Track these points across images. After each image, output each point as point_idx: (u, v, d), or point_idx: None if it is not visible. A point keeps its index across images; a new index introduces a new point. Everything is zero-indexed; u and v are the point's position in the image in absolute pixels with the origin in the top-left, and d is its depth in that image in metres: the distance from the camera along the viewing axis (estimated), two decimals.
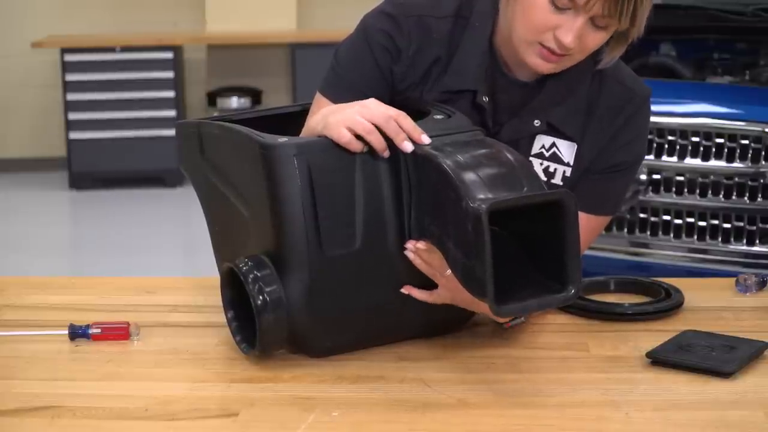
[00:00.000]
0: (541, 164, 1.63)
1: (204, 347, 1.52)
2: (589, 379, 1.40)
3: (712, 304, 1.68)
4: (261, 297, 1.39)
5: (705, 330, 1.54)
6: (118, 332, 1.54)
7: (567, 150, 1.63)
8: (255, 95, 7.02)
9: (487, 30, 1.61)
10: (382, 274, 1.44)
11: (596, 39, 1.53)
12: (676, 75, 3.38)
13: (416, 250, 1.43)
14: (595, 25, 1.51)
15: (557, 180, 1.64)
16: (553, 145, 1.63)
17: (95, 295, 1.74)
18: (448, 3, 1.63)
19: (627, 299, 1.69)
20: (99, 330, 1.53)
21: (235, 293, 1.46)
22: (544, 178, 1.62)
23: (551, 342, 1.53)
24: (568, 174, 1.64)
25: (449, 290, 1.45)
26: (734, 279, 1.75)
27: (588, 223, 1.63)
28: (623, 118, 1.63)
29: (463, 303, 1.46)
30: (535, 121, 1.61)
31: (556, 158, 1.64)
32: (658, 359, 1.44)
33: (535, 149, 1.63)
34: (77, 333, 1.53)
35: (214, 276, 1.85)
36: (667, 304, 1.63)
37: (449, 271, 1.39)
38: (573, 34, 1.49)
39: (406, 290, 1.46)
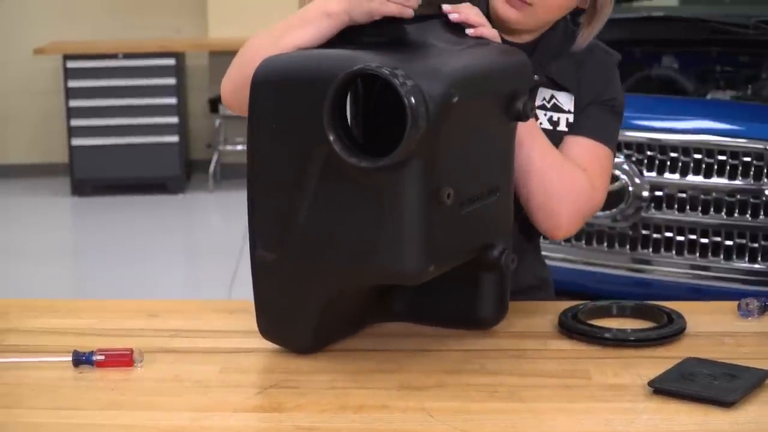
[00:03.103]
0: (545, 114, 1.80)
1: (206, 374, 1.52)
2: (591, 408, 1.40)
3: (714, 329, 1.68)
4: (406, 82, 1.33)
5: (707, 356, 1.54)
6: (122, 359, 1.54)
7: (565, 99, 1.81)
8: None
9: (483, 5, 1.72)
10: None
11: None
12: (678, 87, 3.39)
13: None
14: None
15: (562, 127, 1.80)
16: (552, 96, 1.81)
17: (98, 318, 1.75)
18: None
19: (629, 324, 1.69)
20: (103, 357, 1.54)
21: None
22: (550, 127, 1.79)
23: (553, 369, 1.53)
24: (570, 120, 1.80)
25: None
26: (736, 303, 1.75)
27: (593, 150, 1.78)
28: (606, 79, 1.83)
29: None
30: (534, 75, 1.71)
31: (557, 108, 1.81)
32: (660, 389, 1.44)
33: (538, 102, 1.79)
34: (81, 360, 1.53)
35: (216, 299, 1.86)
36: (669, 330, 1.63)
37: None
38: None
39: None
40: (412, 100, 1.32)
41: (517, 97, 1.52)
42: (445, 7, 1.59)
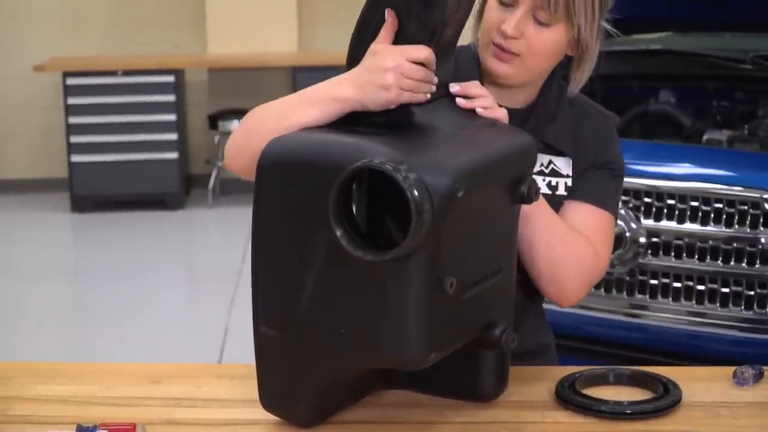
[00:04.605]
0: (544, 180, 1.81)
1: None
2: None
3: (709, 398, 1.70)
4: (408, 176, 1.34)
5: (702, 430, 1.56)
6: None
7: (563, 164, 1.83)
8: None
9: (474, 73, 1.76)
10: None
11: (541, 37, 1.72)
12: (675, 123, 3.40)
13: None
14: (537, 21, 1.71)
15: (561, 191, 1.82)
16: (550, 162, 1.82)
17: (101, 385, 1.76)
18: None
19: (625, 393, 1.70)
20: (106, 431, 1.55)
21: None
22: (549, 192, 1.81)
23: None
24: (569, 184, 1.83)
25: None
26: (732, 370, 1.77)
27: (595, 216, 1.81)
28: (604, 141, 1.85)
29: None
30: None
31: (555, 173, 1.83)
32: None
33: (536, 168, 1.74)
34: None
35: (216, 363, 1.88)
36: (665, 402, 1.65)
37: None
38: (513, 23, 1.70)
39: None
40: (416, 195, 1.33)
41: (522, 181, 1.53)
42: (453, 89, 1.60)
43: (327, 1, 7.19)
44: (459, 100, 1.59)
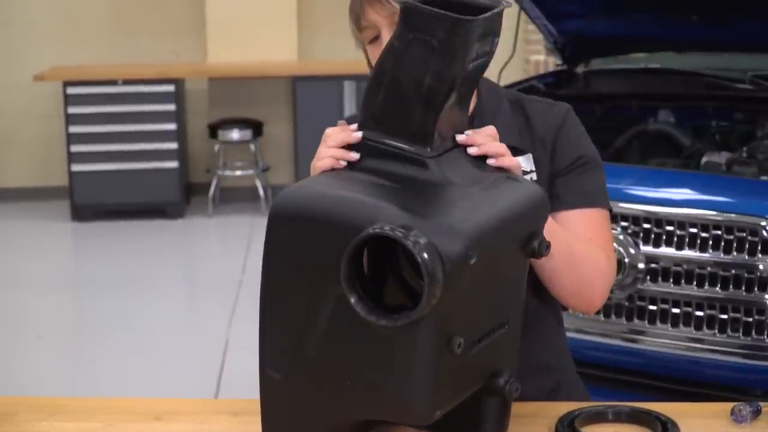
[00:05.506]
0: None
1: None
2: None
3: None
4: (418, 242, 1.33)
5: None
6: None
7: (524, 162, 1.82)
8: (256, 126, 7.06)
9: None
10: None
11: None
12: (674, 142, 3.42)
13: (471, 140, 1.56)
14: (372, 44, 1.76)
15: None
16: None
17: (103, 422, 1.77)
18: None
19: None
20: None
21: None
22: None
23: None
24: (534, 179, 1.82)
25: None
26: (729, 407, 1.78)
27: (587, 218, 1.83)
28: (555, 126, 1.85)
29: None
30: None
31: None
32: None
33: None
34: None
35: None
36: None
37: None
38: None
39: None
40: (428, 261, 1.32)
41: (534, 237, 1.51)
42: (459, 138, 1.57)
43: (327, 11, 7.20)
44: (470, 148, 1.57)
